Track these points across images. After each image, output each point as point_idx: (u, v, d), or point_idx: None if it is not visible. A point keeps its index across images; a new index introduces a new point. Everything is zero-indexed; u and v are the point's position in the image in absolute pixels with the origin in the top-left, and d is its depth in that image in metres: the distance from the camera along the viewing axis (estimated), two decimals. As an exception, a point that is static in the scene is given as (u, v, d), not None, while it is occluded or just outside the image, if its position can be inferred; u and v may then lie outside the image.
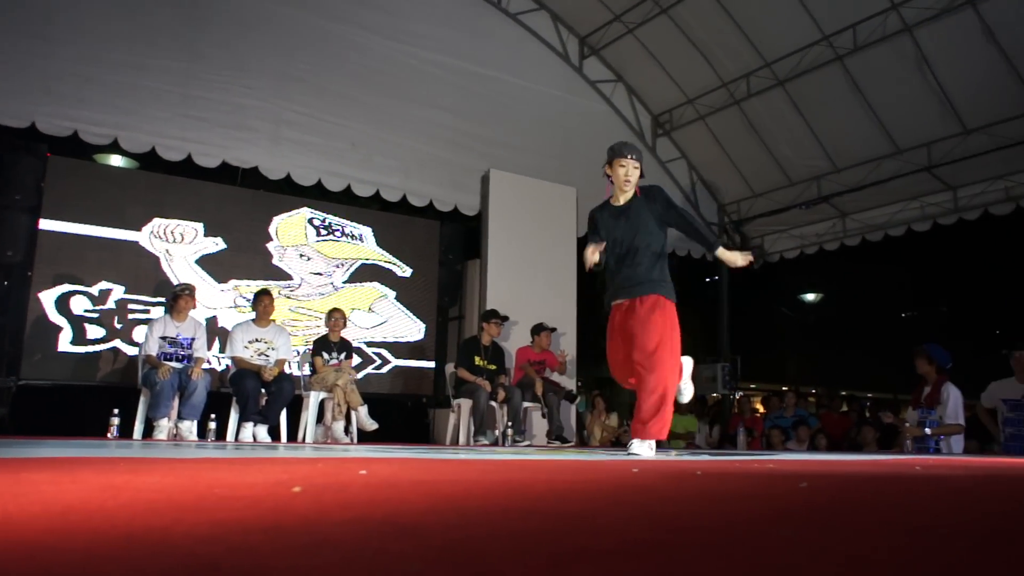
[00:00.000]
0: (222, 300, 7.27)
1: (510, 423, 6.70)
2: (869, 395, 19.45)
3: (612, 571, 0.66)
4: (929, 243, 12.45)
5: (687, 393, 4.30)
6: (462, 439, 6.81)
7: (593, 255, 4.18)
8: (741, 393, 10.67)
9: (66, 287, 6.58)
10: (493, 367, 7.09)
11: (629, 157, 4.27)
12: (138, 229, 6.95)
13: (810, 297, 21.66)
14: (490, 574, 0.63)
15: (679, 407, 8.64)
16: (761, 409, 11.18)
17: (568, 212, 8.79)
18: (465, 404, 6.84)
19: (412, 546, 0.76)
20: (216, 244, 7.29)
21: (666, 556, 0.74)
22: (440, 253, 8.54)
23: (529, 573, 0.64)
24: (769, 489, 1.78)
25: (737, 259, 4.14)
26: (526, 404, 7.10)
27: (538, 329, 7.45)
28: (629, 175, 4.26)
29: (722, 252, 4.16)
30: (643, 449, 3.91)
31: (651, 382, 3.95)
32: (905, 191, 8.72)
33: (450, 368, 7.36)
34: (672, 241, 10.10)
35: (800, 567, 0.71)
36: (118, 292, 6.79)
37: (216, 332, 7.04)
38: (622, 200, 4.34)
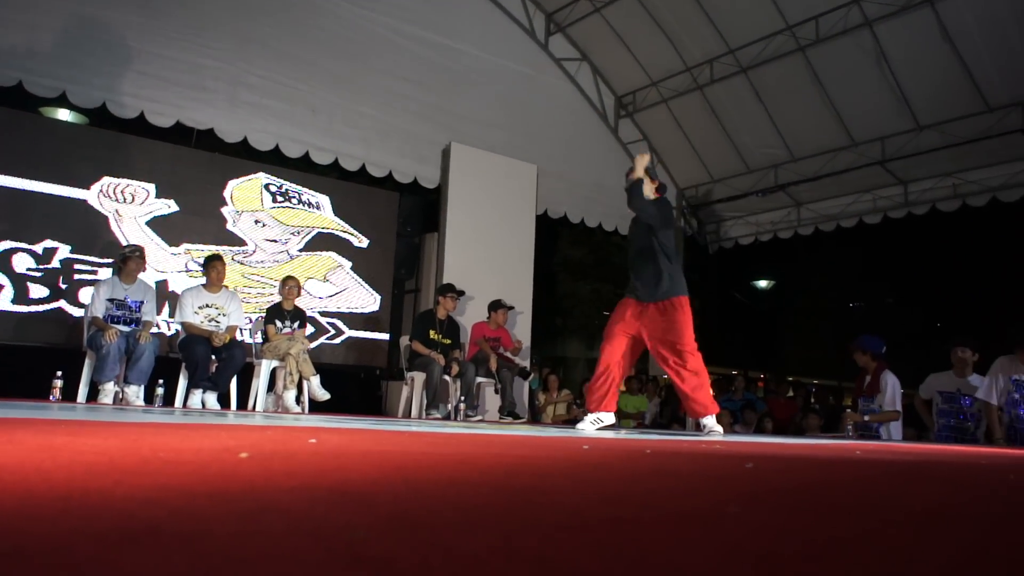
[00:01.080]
0: (173, 264, 7.11)
1: (463, 397, 6.71)
2: (815, 381, 19.94)
3: (564, 545, 0.66)
4: (879, 235, 12.76)
5: None
6: (414, 412, 6.80)
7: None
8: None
9: (8, 244, 6.36)
10: (448, 341, 7.07)
11: None
12: (87, 187, 6.74)
13: (762, 284, 22.05)
14: (440, 545, 0.62)
15: (630, 387, 8.79)
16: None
17: (528, 189, 8.78)
18: (419, 377, 6.82)
19: (359, 515, 0.75)
20: (168, 206, 7.11)
21: (619, 530, 0.74)
22: (398, 225, 8.47)
23: (480, 545, 0.63)
24: (718, 469, 1.81)
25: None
26: (479, 379, 7.12)
27: (495, 305, 7.45)
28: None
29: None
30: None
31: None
32: (858, 183, 8.89)
33: (404, 341, 7.33)
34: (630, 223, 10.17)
35: (748, 541, 0.72)
36: (64, 251, 6.59)
37: (166, 296, 6.89)
38: None
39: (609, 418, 4.86)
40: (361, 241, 8.20)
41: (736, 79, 8.80)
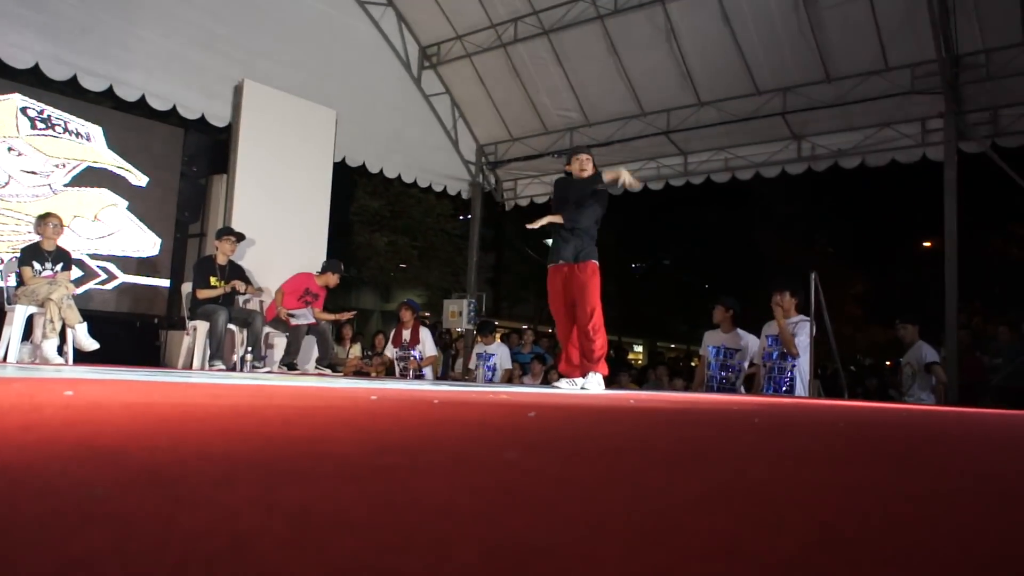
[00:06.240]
0: (-99, 192, 6.13)
1: (250, 348, 6.42)
2: (599, 337, 21.17)
3: (330, 495, 0.63)
4: (662, 201, 13.70)
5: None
6: (196, 363, 6.41)
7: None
8: (485, 329, 11.07)
9: None
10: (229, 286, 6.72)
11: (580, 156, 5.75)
12: None
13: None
14: (191, 501, 0.57)
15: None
16: (502, 345, 11.71)
17: (326, 135, 8.44)
18: (201, 326, 6.43)
19: (104, 471, 0.68)
20: None
21: (391, 478, 0.73)
22: (182, 164, 7.84)
23: (237, 498, 0.59)
24: (502, 418, 1.86)
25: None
26: (267, 329, 6.84)
27: (333, 268, 7.24)
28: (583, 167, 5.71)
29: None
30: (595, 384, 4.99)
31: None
32: (645, 151, 9.44)
33: (187, 288, 6.86)
34: (429, 176, 10.14)
35: (520, 485, 0.73)
36: None
37: None
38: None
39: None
40: (139, 179, 7.51)
41: (538, 40, 8.97)
